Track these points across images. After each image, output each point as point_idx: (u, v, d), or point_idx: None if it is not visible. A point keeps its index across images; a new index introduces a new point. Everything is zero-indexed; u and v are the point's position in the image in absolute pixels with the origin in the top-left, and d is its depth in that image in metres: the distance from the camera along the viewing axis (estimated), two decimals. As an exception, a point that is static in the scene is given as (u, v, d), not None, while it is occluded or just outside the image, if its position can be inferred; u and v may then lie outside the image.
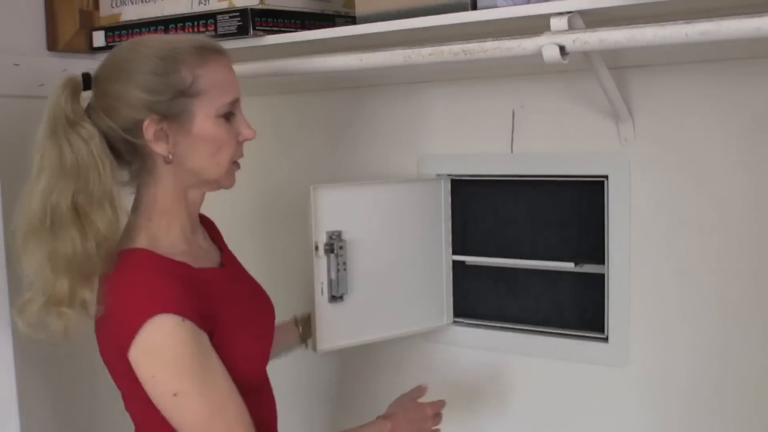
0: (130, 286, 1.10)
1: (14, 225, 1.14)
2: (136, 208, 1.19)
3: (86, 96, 1.17)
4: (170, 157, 1.14)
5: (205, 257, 1.24)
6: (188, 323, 1.07)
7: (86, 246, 1.10)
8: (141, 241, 1.15)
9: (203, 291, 1.14)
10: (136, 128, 1.12)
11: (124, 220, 1.16)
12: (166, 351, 1.07)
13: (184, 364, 1.07)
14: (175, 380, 1.07)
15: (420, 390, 1.40)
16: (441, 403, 1.38)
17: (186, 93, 1.13)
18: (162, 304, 1.06)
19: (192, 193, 1.21)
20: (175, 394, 1.07)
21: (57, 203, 1.10)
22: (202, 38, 1.20)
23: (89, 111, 1.16)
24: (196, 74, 1.13)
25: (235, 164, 1.20)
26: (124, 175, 1.20)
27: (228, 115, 1.17)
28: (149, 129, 1.12)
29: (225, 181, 1.20)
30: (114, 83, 1.14)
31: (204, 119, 1.14)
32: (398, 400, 1.38)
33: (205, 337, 1.09)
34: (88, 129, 1.13)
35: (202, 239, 1.27)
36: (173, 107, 1.12)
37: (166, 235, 1.18)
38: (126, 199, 1.19)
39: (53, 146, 1.12)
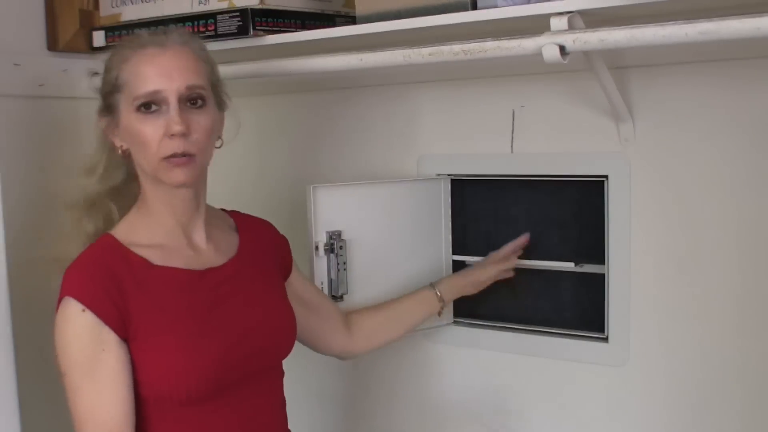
0: (71, 266, 1.15)
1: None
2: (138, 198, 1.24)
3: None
4: (120, 151, 1.20)
5: (186, 258, 1.20)
6: (89, 315, 1.09)
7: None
8: (117, 228, 1.21)
9: (141, 291, 1.13)
10: None
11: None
12: (61, 333, 1.11)
13: (70, 350, 1.10)
14: (63, 363, 1.11)
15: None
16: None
17: (114, 88, 1.17)
18: (72, 289, 1.11)
19: (164, 188, 1.18)
20: (63, 375, 1.12)
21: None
22: (146, 33, 1.20)
23: None
24: (120, 69, 1.17)
25: (169, 160, 1.13)
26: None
27: (150, 109, 1.14)
28: (101, 123, 1.22)
29: (163, 176, 1.15)
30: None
31: (126, 114, 1.16)
32: None
33: (107, 336, 1.10)
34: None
35: (205, 240, 1.24)
36: (109, 102, 1.19)
37: (143, 226, 1.21)
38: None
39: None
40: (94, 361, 1.09)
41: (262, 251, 1.31)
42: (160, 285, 1.16)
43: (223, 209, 1.35)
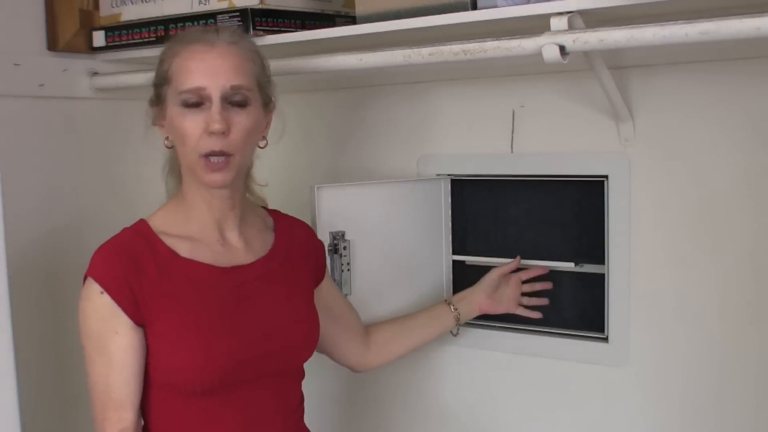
0: (101, 246, 1.18)
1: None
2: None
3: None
4: (165, 142, 1.22)
5: (215, 253, 1.21)
6: (106, 298, 1.13)
7: None
8: (154, 214, 1.24)
9: (162, 280, 1.15)
10: None
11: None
12: (82, 309, 1.16)
13: (87, 326, 1.16)
14: (83, 336, 1.17)
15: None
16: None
17: (164, 81, 1.20)
18: (95, 270, 1.15)
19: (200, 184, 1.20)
20: (83, 346, 1.17)
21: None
22: (198, 28, 1.26)
23: None
24: (169, 63, 1.19)
25: (205, 158, 1.15)
26: None
27: (193, 105, 1.15)
28: (150, 114, 1.23)
29: (199, 175, 1.17)
30: None
31: (171, 106, 1.18)
32: None
33: (121, 319, 1.13)
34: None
35: (237, 236, 1.24)
36: (157, 93, 1.21)
37: (179, 217, 1.23)
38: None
39: None
40: (107, 340, 1.14)
41: (297, 253, 1.31)
42: (182, 277, 1.18)
43: (264, 207, 1.35)
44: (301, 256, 1.32)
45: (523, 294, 1.55)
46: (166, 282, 1.16)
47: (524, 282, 1.55)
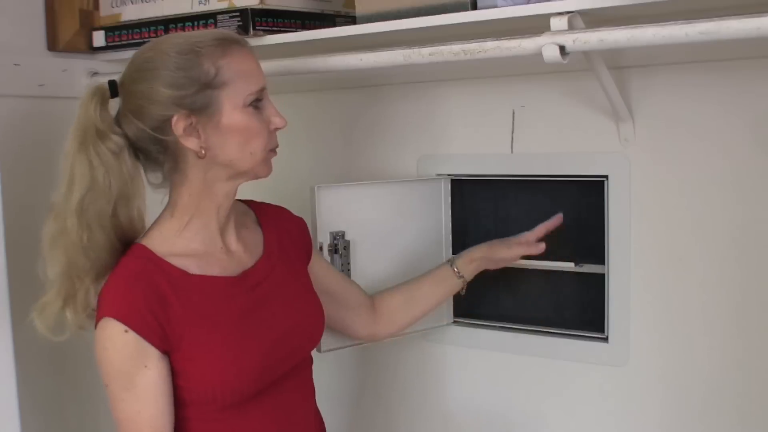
0: (108, 282, 1.14)
1: (43, 232, 1.16)
2: (167, 206, 1.21)
3: (114, 104, 1.19)
4: (203, 151, 1.14)
5: (222, 262, 1.20)
6: (131, 335, 1.09)
7: (113, 250, 1.17)
8: (149, 237, 1.18)
9: (181, 302, 1.13)
10: (165, 126, 1.13)
11: (147, 224, 1.21)
12: (103, 351, 1.11)
13: (113, 368, 1.11)
14: (105, 377, 1.12)
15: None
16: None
17: (211, 85, 1.13)
18: (113, 308, 1.10)
19: (222, 188, 1.19)
20: (106, 386, 1.13)
21: (92, 219, 1.14)
22: (222, 31, 1.22)
23: (119, 117, 1.18)
24: (218, 66, 1.13)
25: (271, 152, 1.20)
26: (158, 177, 1.21)
27: (256, 104, 1.16)
28: (179, 125, 1.13)
29: (260, 170, 1.20)
30: (140, 83, 1.15)
31: (231, 110, 1.14)
32: None
33: (150, 352, 1.10)
34: (116, 141, 1.15)
35: (235, 241, 1.24)
36: (199, 101, 1.13)
37: (178, 234, 1.18)
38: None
39: (83, 159, 1.15)
40: (134, 376, 1.10)
41: (284, 241, 1.31)
42: (200, 294, 1.15)
43: (239, 200, 1.34)
44: (290, 242, 1.32)
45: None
46: (185, 303, 1.13)
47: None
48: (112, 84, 1.18)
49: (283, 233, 1.32)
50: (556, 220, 1.50)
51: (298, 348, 1.25)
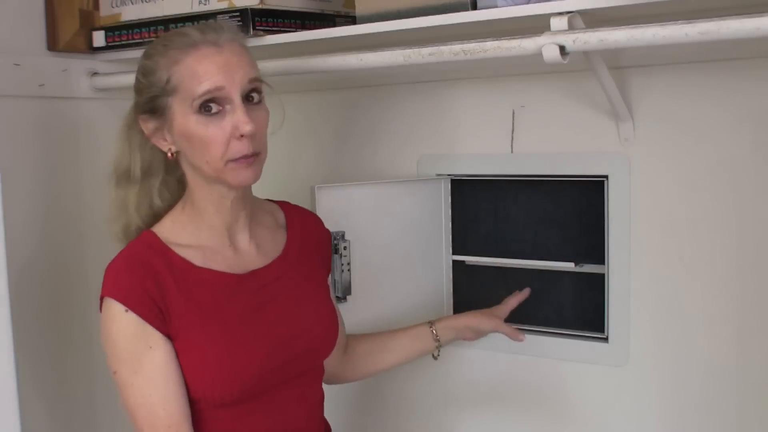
0: (112, 262, 1.14)
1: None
2: (182, 197, 1.22)
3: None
4: (170, 154, 1.17)
5: (228, 260, 1.19)
6: (131, 315, 1.09)
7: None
8: (161, 224, 1.20)
9: (181, 292, 1.12)
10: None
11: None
12: (107, 333, 1.11)
13: (118, 349, 1.10)
14: (113, 361, 1.11)
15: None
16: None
17: (164, 92, 1.12)
18: (113, 289, 1.10)
19: (215, 189, 1.16)
20: (114, 373, 1.12)
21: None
22: (203, 27, 1.15)
23: None
24: (170, 72, 1.12)
25: (239, 161, 1.11)
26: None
27: (211, 109, 1.10)
28: (146, 126, 1.17)
29: (227, 179, 1.12)
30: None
31: (182, 117, 1.11)
32: None
33: (152, 333, 1.10)
34: (138, 133, 1.20)
35: (248, 240, 1.22)
36: (156, 106, 1.14)
37: (185, 225, 1.19)
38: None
39: (125, 140, 1.23)
40: (142, 357, 1.09)
41: (309, 248, 1.29)
42: (201, 287, 1.15)
43: (272, 200, 1.33)
44: (314, 249, 1.30)
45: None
46: (185, 294, 1.13)
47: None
48: None
49: (309, 239, 1.30)
50: (524, 293, 1.53)
51: (303, 354, 1.21)
